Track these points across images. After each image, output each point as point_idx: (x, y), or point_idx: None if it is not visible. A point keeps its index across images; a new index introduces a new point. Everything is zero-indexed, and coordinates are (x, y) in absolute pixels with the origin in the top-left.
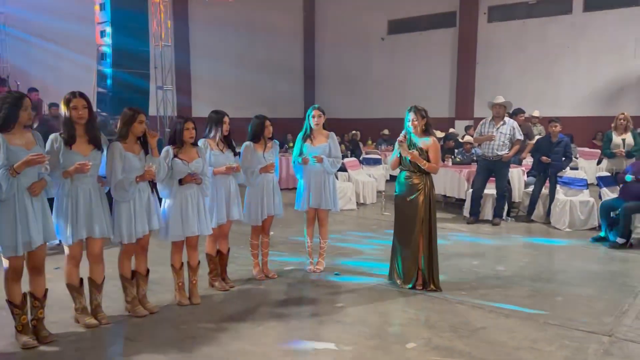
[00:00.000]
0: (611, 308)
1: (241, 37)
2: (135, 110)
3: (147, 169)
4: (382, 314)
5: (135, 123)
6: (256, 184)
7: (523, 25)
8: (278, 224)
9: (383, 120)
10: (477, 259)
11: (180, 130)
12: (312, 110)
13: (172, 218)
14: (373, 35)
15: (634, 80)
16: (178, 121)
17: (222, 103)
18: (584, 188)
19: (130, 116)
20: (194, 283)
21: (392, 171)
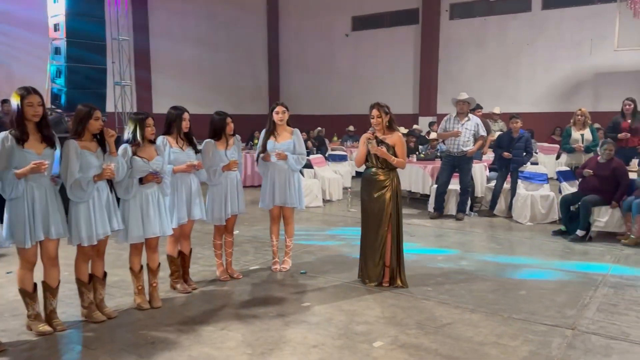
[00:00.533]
0: (573, 301)
1: (202, 33)
2: (91, 106)
3: (106, 168)
4: (349, 313)
5: (92, 120)
6: (219, 183)
7: (484, 22)
8: (242, 222)
9: (348, 116)
10: (442, 254)
11: (143, 127)
12: (276, 106)
13: (132, 219)
14: (337, 31)
15: (590, 77)
16: (139, 117)
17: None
18: (545, 183)
19: (86, 113)
20: (154, 286)
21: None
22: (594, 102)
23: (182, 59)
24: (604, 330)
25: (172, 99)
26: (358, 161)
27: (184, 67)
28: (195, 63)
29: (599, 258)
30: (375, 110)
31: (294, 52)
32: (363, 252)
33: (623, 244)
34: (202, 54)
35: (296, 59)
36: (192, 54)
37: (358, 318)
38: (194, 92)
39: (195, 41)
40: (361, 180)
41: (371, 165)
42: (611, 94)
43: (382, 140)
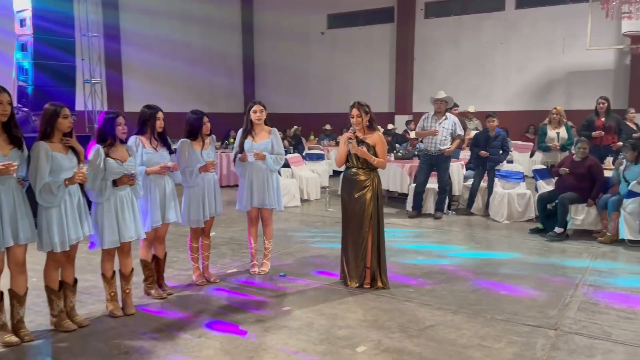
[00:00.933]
0: (554, 300)
1: (175, 29)
2: (57, 104)
3: (78, 171)
4: (330, 316)
5: (60, 119)
6: (195, 184)
7: (458, 21)
8: (219, 224)
9: (324, 115)
10: (421, 253)
11: (112, 126)
12: (253, 105)
13: (107, 223)
14: (313, 29)
15: (562, 75)
16: (109, 116)
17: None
18: (521, 181)
19: (53, 112)
20: (128, 292)
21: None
22: (566, 100)
23: (154, 57)
24: (587, 330)
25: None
26: (338, 161)
27: (156, 65)
28: (168, 61)
29: (577, 256)
30: (355, 110)
31: (269, 50)
32: (344, 252)
33: (599, 242)
34: (175, 52)
35: (271, 57)
36: (165, 51)
37: (340, 322)
38: (166, 91)
39: (168, 39)
40: (341, 181)
41: (352, 165)
42: (583, 92)
43: (363, 140)
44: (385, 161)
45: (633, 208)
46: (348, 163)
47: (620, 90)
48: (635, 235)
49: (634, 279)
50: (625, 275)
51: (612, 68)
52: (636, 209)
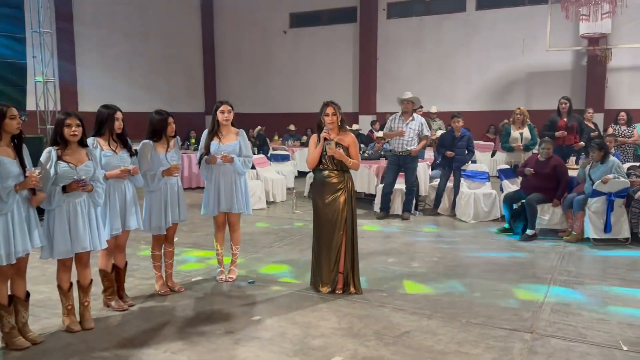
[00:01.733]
0: (527, 302)
1: (133, 25)
2: (3, 104)
3: (29, 175)
4: (303, 325)
5: (6, 120)
6: (158, 189)
7: (420, 22)
8: (183, 228)
9: (287, 114)
10: (392, 256)
11: (61, 127)
12: (220, 105)
13: (58, 232)
14: (275, 27)
15: (522, 75)
16: (59, 117)
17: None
18: (486, 181)
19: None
20: (86, 305)
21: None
22: (526, 101)
23: (111, 54)
24: (562, 332)
25: (100, 96)
26: (312, 163)
27: (113, 63)
28: (126, 59)
29: (545, 255)
30: (331, 108)
31: (231, 48)
32: (316, 257)
33: (565, 241)
34: (133, 50)
35: (233, 55)
36: (122, 49)
37: (313, 331)
38: (124, 89)
39: (125, 36)
40: (313, 184)
41: (324, 168)
42: (542, 93)
43: (337, 142)
44: (359, 162)
45: (598, 207)
46: (320, 165)
47: (578, 90)
48: (600, 234)
49: (601, 277)
50: (593, 274)
51: (570, 69)
52: (601, 208)
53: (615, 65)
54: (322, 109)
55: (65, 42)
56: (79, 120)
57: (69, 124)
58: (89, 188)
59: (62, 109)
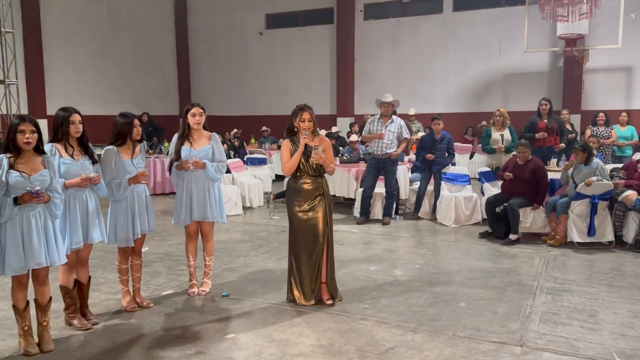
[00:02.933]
0: (515, 312)
1: (103, 25)
2: None
3: None
4: (281, 343)
5: None
6: (124, 198)
7: (397, 23)
8: (152, 236)
9: (263, 117)
10: (373, 263)
11: (14, 133)
12: (191, 107)
13: (10, 246)
14: (250, 28)
15: (499, 77)
16: (12, 122)
17: (84, 99)
18: (467, 184)
19: None
20: (45, 325)
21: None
22: (503, 102)
23: (80, 55)
24: (553, 344)
25: (69, 99)
26: (291, 170)
27: (82, 64)
28: (96, 59)
29: (529, 261)
30: (307, 114)
31: (205, 50)
32: (296, 271)
33: (548, 245)
34: (103, 50)
35: (207, 57)
36: (92, 50)
37: (292, 349)
38: (94, 91)
39: (95, 35)
40: (289, 191)
41: (302, 174)
42: (520, 94)
43: (316, 147)
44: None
45: (581, 210)
46: (297, 172)
47: (555, 91)
48: (584, 238)
49: (587, 283)
50: (579, 280)
51: (547, 70)
52: (584, 211)
53: (591, 67)
54: (295, 113)
55: (32, 43)
56: (34, 125)
57: (22, 130)
58: (44, 199)
59: (29, 112)
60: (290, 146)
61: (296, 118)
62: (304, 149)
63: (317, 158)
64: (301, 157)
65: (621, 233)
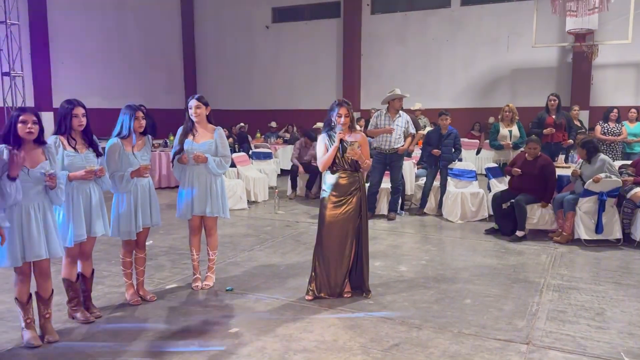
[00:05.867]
0: (521, 309)
1: (110, 19)
2: None
3: None
4: (284, 338)
5: None
6: (127, 190)
7: (405, 17)
8: (157, 230)
9: (269, 111)
10: (378, 259)
11: (15, 124)
12: (191, 100)
13: (9, 239)
14: (257, 22)
15: (507, 72)
16: (13, 113)
17: (90, 92)
18: (473, 180)
19: None
20: (47, 317)
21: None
22: (511, 98)
23: (86, 48)
24: (560, 343)
25: (76, 92)
26: (326, 164)
27: (88, 57)
28: (103, 52)
29: (535, 257)
30: (345, 109)
31: (211, 43)
32: (323, 262)
33: (555, 242)
34: (110, 43)
35: (214, 51)
36: (99, 42)
37: (295, 345)
38: (101, 85)
39: (102, 29)
40: (325, 185)
41: (337, 169)
42: (527, 90)
43: (352, 142)
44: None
45: (589, 207)
46: (334, 166)
47: (563, 87)
48: (592, 235)
49: (595, 281)
50: (587, 278)
51: (555, 65)
52: (592, 208)
53: (600, 62)
54: (332, 109)
55: (38, 35)
56: (36, 117)
57: (24, 120)
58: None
59: (35, 104)
60: (326, 141)
61: (333, 113)
62: (339, 144)
63: (352, 153)
64: (337, 152)
65: (629, 230)
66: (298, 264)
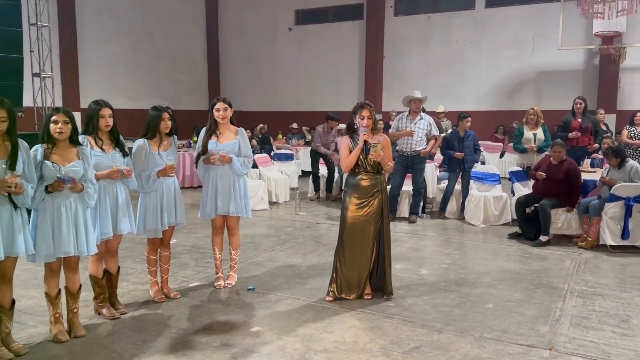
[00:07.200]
0: (544, 315)
1: (136, 20)
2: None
3: (3, 179)
4: (305, 338)
5: None
6: (153, 190)
7: (428, 19)
8: (181, 229)
9: (291, 113)
10: (399, 262)
11: (47, 124)
12: (216, 102)
13: (41, 234)
14: (280, 25)
15: (532, 75)
16: (47, 113)
17: (116, 93)
18: (497, 183)
19: None
20: (75, 312)
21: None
22: (536, 100)
23: (113, 50)
24: (583, 349)
25: (102, 92)
26: (348, 165)
27: (115, 58)
28: (128, 54)
29: (559, 263)
30: (367, 111)
31: (235, 45)
32: (343, 263)
33: (579, 247)
34: (136, 45)
35: (237, 52)
36: (125, 44)
37: (316, 345)
38: (127, 85)
39: (128, 31)
40: (346, 187)
41: (359, 170)
42: (553, 93)
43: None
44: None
45: (615, 212)
46: (356, 168)
47: (590, 90)
48: (617, 241)
49: (620, 288)
50: (612, 284)
51: (582, 68)
52: (618, 213)
53: (628, 65)
54: (355, 111)
55: (67, 37)
56: (68, 117)
57: (55, 120)
58: (77, 188)
59: (63, 105)
60: (349, 143)
61: (356, 115)
62: (363, 146)
63: (375, 155)
64: (360, 153)
65: None
66: (318, 265)
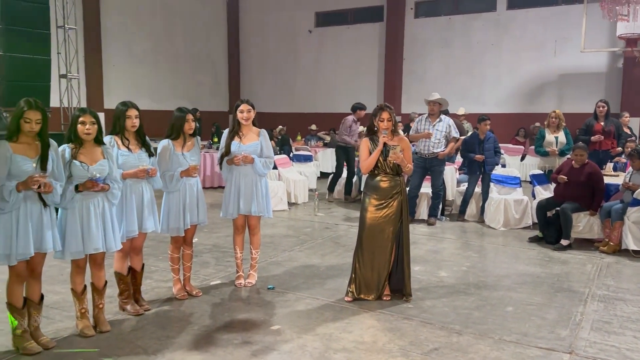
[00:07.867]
0: (564, 318)
1: (159, 23)
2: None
3: (33, 176)
4: (324, 337)
5: (21, 120)
6: (176, 189)
7: (449, 21)
8: (202, 228)
9: (310, 114)
10: (418, 264)
11: (75, 124)
12: (240, 104)
13: (70, 231)
14: (300, 27)
15: (554, 78)
16: (74, 114)
17: (139, 94)
18: (517, 186)
19: (19, 111)
20: (101, 307)
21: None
22: (558, 103)
23: (136, 51)
24: (605, 354)
25: (125, 93)
26: (368, 167)
27: (138, 60)
28: (151, 56)
29: (581, 267)
30: (387, 113)
31: (255, 47)
32: (362, 263)
33: (601, 251)
34: (158, 47)
35: (257, 54)
36: (148, 46)
37: (335, 344)
38: (149, 87)
39: (151, 33)
40: (366, 188)
41: (379, 172)
42: (575, 95)
43: (394, 146)
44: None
45: (638, 217)
46: (375, 169)
47: (613, 93)
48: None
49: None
50: (634, 289)
51: (605, 71)
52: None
53: None
54: (375, 113)
55: (91, 39)
56: (94, 117)
57: (83, 121)
58: (105, 188)
59: (88, 105)
60: (369, 145)
61: (376, 117)
62: (382, 148)
63: (394, 157)
64: (379, 155)
65: None
66: (337, 265)
